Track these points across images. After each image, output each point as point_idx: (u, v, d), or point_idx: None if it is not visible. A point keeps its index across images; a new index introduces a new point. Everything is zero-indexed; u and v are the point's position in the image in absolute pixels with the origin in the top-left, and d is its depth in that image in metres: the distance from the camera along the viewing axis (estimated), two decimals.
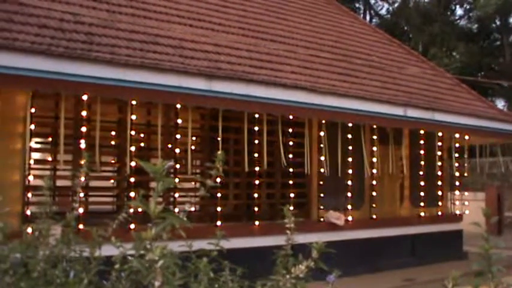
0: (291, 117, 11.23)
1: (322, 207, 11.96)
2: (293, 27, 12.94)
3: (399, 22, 35.58)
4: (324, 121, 11.83)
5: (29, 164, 8.61)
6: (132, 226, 8.05)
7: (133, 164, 9.13)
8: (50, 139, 9.78)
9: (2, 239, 2.97)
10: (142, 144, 10.88)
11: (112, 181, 10.81)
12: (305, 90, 10.40)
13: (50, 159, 9.81)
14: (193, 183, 11.41)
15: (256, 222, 10.60)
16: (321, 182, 12.03)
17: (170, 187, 9.71)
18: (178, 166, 9.93)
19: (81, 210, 8.58)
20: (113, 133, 10.37)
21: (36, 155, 9.24)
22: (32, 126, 8.49)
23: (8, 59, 7.63)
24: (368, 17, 37.37)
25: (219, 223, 9.90)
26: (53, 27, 8.61)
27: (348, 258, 9.71)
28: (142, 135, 10.65)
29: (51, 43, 8.16)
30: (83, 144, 8.89)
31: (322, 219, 11.82)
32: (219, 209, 10.23)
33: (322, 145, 11.93)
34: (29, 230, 3.22)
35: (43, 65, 7.82)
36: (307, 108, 10.49)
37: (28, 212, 8.39)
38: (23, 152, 8.50)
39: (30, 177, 8.57)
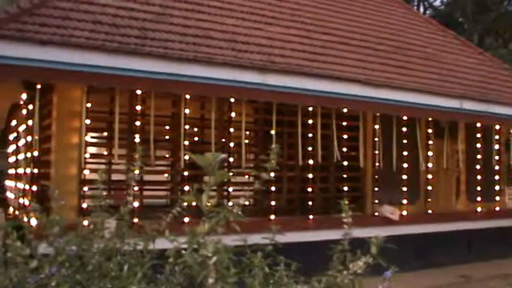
0: (345, 110, 11.11)
1: (376, 201, 11.80)
2: (346, 19, 12.76)
3: (454, 13, 34.85)
4: (378, 114, 11.67)
5: (85, 158, 8.72)
6: (186, 220, 8.08)
7: (187, 158, 9.16)
8: (105, 133, 9.88)
9: (59, 232, 2.99)
10: (196, 139, 10.91)
11: (166, 175, 10.89)
12: (359, 83, 10.27)
13: (105, 153, 9.91)
14: (247, 177, 11.40)
15: (310, 216, 10.54)
16: (376, 176, 11.88)
17: (224, 181, 9.74)
18: (232, 160, 9.92)
19: (135, 204, 8.68)
20: (167, 127, 10.41)
21: (91, 149, 9.35)
22: (88, 121, 8.59)
23: (64, 55, 7.76)
24: (422, 9, 36.71)
25: (272, 217, 9.87)
26: (107, 23, 8.71)
27: (402, 254, 9.49)
28: (196, 129, 10.67)
29: (105, 39, 8.26)
30: (137, 138, 8.97)
31: (376, 214, 11.66)
32: (273, 203, 10.20)
33: (376, 139, 11.77)
34: (85, 223, 3.24)
35: (98, 60, 7.94)
36: (361, 101, 10.36)
37: (84, 206, 8.49)
38: (79, 147, 8.62)
39: (86, 171, 8.67)
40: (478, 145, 13.72)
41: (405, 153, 12.11)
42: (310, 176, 10.91)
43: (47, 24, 8.12)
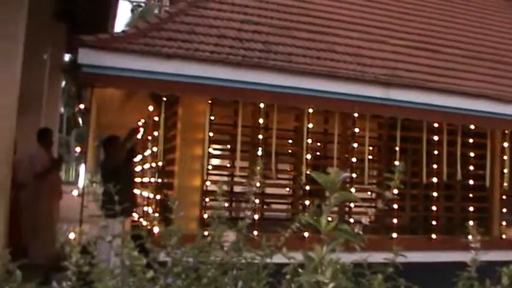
0: (472, 127, 10.64)
1: (504, 223, 11.19)
2: (476, 33, 12.28)
3: None
4: (507, 132, 11.09)
5: (207, 170, 8.83)
6: (306, 235, 7.98)
7: (309, 172, 9.09)
8: (228, 146, 10.00)
9: (177, 243, 2.99)
10: (318, 153, 10.81)
11: (287, 189, 10.86)
12: (488, 99, 9.81)
13: (227, 165, 10.03)
14: (369, 193, 11.17)
15: (433, 236, 10.15)
16: (504, 197, 11.28)
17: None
18: (354, 176, 9.74)
19: (256, 216, 8.70)
20: (290, 141, 10.40)
21: (214, 161, 9.48)
22: (211, 133, 8.71)
23: (190, 68, 7.95)
24: None
25: (394, 235, 9.60)
26: (231, 36, 8.84)
27: None
28: (318, 143, 10.56)
29: (229, 52, 8.38)
30: (259, 151, 9.00)
31: (504, 237, 11.06)
32: (395, 220, 9.92)
33: (505, 157, 11.19)
34: (204, 234, 3.23)
35: (222, 73, 8.06)
36: (489, 118, 9.87)
37: (205, 216, 8.59)
38: (202, 158, 8.75)
39: (208, 183, 8.79)
40: None
41: None
42: (435, 194, 10.53)
43: (173, 38, 8.35)
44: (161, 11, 20.90)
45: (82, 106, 9.74)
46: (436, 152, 10.48)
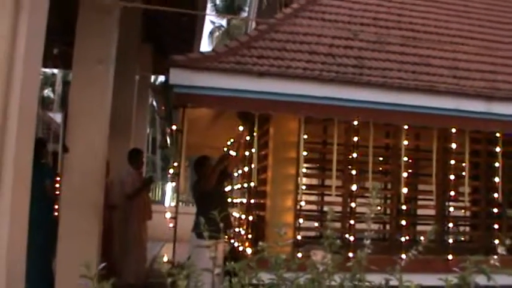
0: None
1: None
2: None
3: None
4: None
5: (301, 190, 8.61)
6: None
7: (405, 191, 8.74)
8: (320, 165, 9.77)
9: (274, 264, 3.05)
10: (410, 171, 10.39)
11: (379, 207, 10.49)
12: None
13: (319, 184, 9.81)
14: (462, 211, 10.67)
15: None
16: None
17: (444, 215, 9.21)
18: (452, 193, 9.31)
19: (351, 237, 8.44)
20: (383, 159, 10.06)
21: (307, 181, 9.28)
22: (304, 152, 8.49)
23: (281, 86, 7.81)
24: None
25: (495, 257, 9.07)
26: (323, 53, 8.65)
27: None
28: (412, 160, 10.14)
29: (322, 69, 8.20)
30: (353, 170, 8.73)
31: None
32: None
33: None
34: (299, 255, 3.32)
35: (314, 90, 7.88)
36: None
37: (299, 237, 8.37)
38: (295, 178, 8.54)
39: (302, 203, 8.56)
40: None
41: None
42: None
43: (264, 56, 8.25)
44: (247, 30, 20.92)
45: (174, 127, 9.69)
46: None
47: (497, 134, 9.09)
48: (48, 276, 7.93)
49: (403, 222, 8.88)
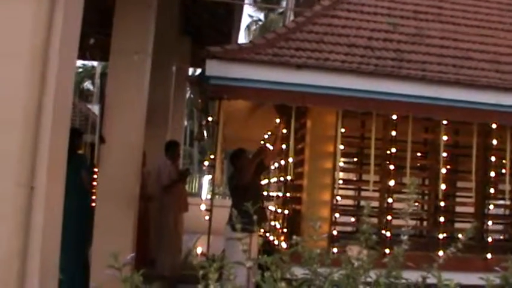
0: None
1: None
2: None
3: None
4: None
5: (338, 184, 8.51)
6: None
7: (443, 187, 8.58)
8: (357, 159, 9.66)
9: (308, 258, 3.02)
10: (449, 167, 10.19)
11: (416, 204, 10.32)
12: None
13: (356, 179, 9.69)
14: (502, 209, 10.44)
15: None
16: None
17: (484, 213, 9.03)
18: (492, 191, 9.12)
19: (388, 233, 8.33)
20: (422, 154, 9.89)
21: (343, 175, 9.18)
22: (342, 146, 8.38)
23: (319, 78, 7.71)
24: None
25: None
26: (361, 45, 8.53)
27: None
28: (452, 156, 9.93)
29: (360, 61, 8.08)
30: (391, 165, 8.60)
31: None
32: None
33: None
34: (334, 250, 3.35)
35: (353, 83, 7.76)
36: None
37: (334, 232, 8.29)
38: (332, 172, 8.44)
39: (338, 197, 8.47)
40: None
41: None
42: None
43: (301, 48, 8.16)
44: (285, 23, 20.83)
45: (210, 119, 9.67)
46: None
47: None
48: (83, 267, 7.98)
49: (441, 219, 8.73)
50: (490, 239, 8.86)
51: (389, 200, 8.57)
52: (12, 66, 3.75)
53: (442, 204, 8.88)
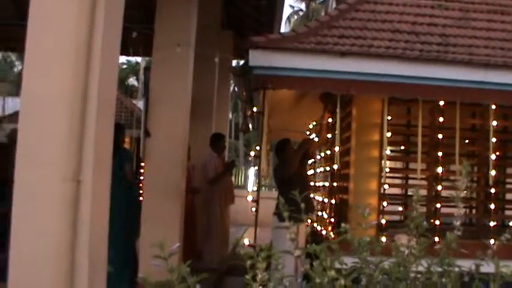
0: None
1: None
2: None
3: None
4: None
5: (385, 173, 8.40)
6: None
7: (493, 173, 8.38)
8: (404, 147, 9.53)
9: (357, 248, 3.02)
10: (498, 153, 9.94)
11: (465, 192, 10.10)
12: None
13: (404, 167, 9.57)
14: None
15: None
16: None
17: None
18: None
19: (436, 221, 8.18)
20: (470, 140, 9.69)
21: (391, 163, 9.07)
22: (388, 134, 8.26)
23: (364, 65, 7.62)
24: None
25: None
26: (406, 31, 8.39)
27: None
28: (501, 142, 9.69)
29: (405, 47, 7.95)
30: (439, 152, 8.44)
31: None
32: None
33: None
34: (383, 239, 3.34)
35: (398, 69, 7.65)
36: None
37: (383, 221, 8.18)
38: (379, 160, 8.34)
39: (386, 186, 8.36)
40: None
41: None
42: None
43: (345, 35, 8.07)
44: (327, 11, 20.69)
45: (254, 109, 9.65)
46: None
47: None
48: (131, 259, 8.06)
49: (492, 206, 8.54)
50: None
51: (438, 188, 8.41)
52: (57, 63, 3.80)
53: (493, 191, 8.66)
